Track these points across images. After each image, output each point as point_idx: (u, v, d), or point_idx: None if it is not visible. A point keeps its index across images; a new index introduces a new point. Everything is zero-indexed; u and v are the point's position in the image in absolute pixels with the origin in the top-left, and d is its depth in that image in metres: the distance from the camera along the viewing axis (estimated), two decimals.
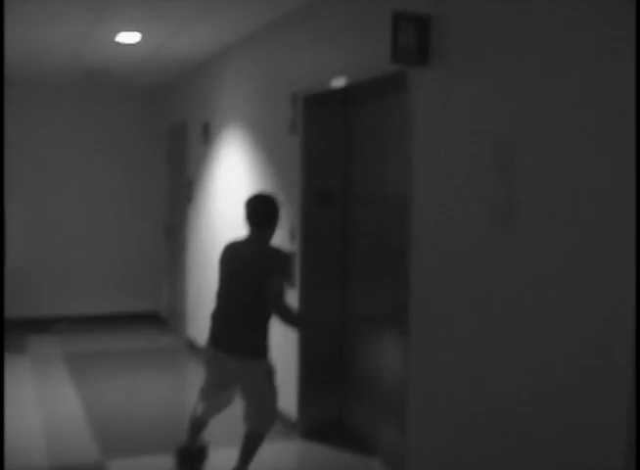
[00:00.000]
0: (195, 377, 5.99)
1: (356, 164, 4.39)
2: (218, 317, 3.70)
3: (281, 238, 4.44)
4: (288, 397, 4.41)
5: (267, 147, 5.02)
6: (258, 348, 3.60)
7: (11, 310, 6.72)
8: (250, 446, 3.66)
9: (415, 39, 3.05)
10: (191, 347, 6.91)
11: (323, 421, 4.58)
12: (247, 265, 3.57)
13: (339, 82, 4.01)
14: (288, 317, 3.53)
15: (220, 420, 3.93)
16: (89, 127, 7.94)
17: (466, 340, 3.04)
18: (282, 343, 4.64)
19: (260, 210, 3.64)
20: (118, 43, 5.67)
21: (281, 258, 3.60)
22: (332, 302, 4.54)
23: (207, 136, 6.42)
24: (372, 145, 4.20)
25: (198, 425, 3.86)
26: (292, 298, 4.59)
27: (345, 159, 4.49)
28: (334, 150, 4.50)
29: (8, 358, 5.93)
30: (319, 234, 4.49)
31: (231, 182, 5.84)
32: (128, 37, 5.48)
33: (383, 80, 3.68)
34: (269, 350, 3.65)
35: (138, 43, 5.69)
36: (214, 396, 3.76)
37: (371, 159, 4.23)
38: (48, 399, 5.21)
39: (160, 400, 5.34)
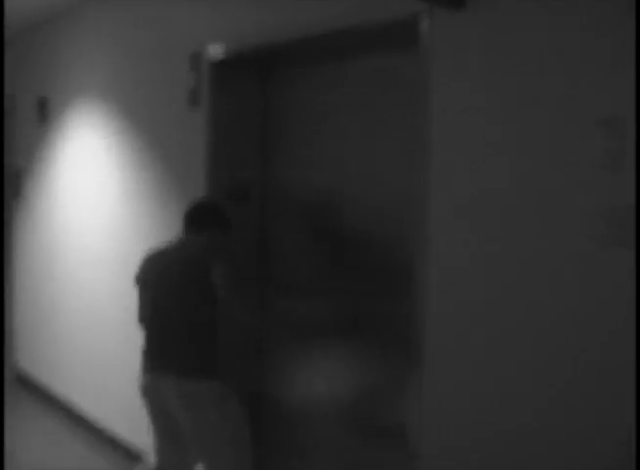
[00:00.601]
0: (31, 424, 4.65)
1: (288, 149, 3.35)
2: (150, 338, 2.97)
3: None
4: None
5: (151, 126, 3.81)
6: (202, 364, 2.83)
7: None
8: None
9: None
10: (23, 382, 5.46)
11: None
12: (175, 267, 2.88)
13: (275, 38, 2.98)
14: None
15: None
16: None
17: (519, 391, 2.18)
18: None
19: (190, 213, 2.99)
20: None
21: (220, 250, 2.91)
22: (247, 324, 3.50)
23: (45, 114, 5.03)
24: (318, 125, 3.18)
25: None
26: None
27: (272, 143, 3.43)
28: (254, 130, 3.44)
29: None
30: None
31: (85, 174, 4.54)
32: None
33: (350, 34, 2.70)
34: (219, 370, 2.85)
35: None
36: (166, 442, 2.99)
37: (313, 144, 3.22)
38: None
39: None
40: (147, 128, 3.84)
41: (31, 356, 5.40)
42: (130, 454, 4.10)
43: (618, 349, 1.90)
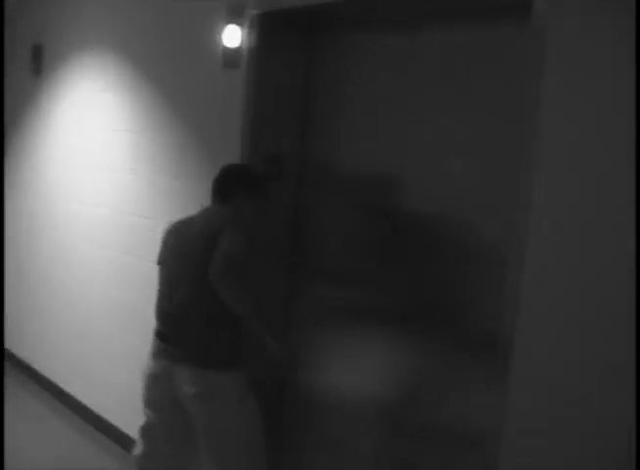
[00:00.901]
0: (16, 404, 4.22)
1: (337, 122, 2.92)
2: (165, 321, 2.60)
3: None
4: None
5: (175, 84, 3.37)
6: (224, 354, 2.49)
7: None
8: None
9: None
10: (10, 361, 4.94)
11: None
12: (195, 241, 2.50)
13: None
14: (243, 306, 2.35)
15: None
16: None
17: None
18: None
19: (216, 180, 2.63)
20: None
21: (234, 220, 2.53)
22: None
23: (40, 65, 4.53)
24: (376, 98, 2.77)
25: None
26: None
27: (318, 114, 3.01)
28: (297, 98, 3.04)
29: None
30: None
31: (86, 134, 4.08)
32: None
33: None
34: (241, 359, 2.53)
35: None
36: (160, 439, 2.64)
37: (367, 118, 2.81)
38: None
39: None
40: (169, 87, 3.40)
41: (18, 335, 4.88)
42: (119, 438, 3.77)
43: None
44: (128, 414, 3.65)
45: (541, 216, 2.00)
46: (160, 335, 2.58)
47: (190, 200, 3.25)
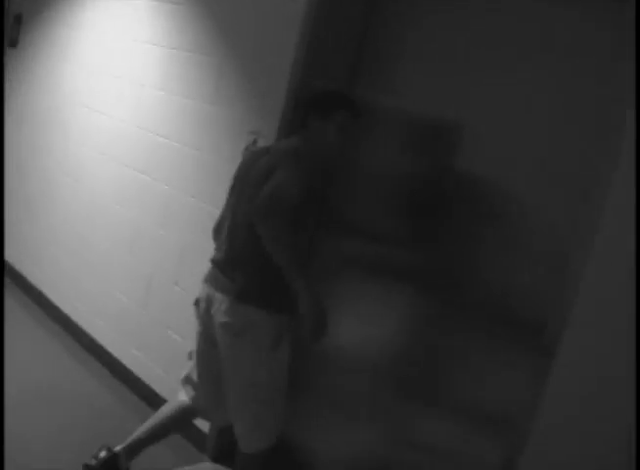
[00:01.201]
0: (20, 325, 4.02)
1: (391, 65, 2.76)
2: (215, 243, 2.54)
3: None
4: None
5: (221, 5, 3.16)
6: (263, 290, 2.30)
7: None
8: None
9: None
10: (11, 277, 4.64)
11: None
12: (254, 173, 2.34)
13: None
14: (282, 254, 2.14)
15: None
16: None
17: None
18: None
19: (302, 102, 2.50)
20: None
21: (298, 152, 2.30)
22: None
23: None
24: (440, 53, 2.59)
25: (181, 413, 2.64)
26: None
27: (372, 54, 2.82)
28: (356, 38, 2.84)
29: None
30: None
31: (111, 38, 3.85)
32: None
33: None
34: (285, 302, 2.30)
35: None
36: (201, 364, 2.58)
37: (424, 71, 2.64)
38: None
39: None
40: (213, 4, 3.17)
41: (19, 247, 4.63)
42: (108, 362, 3.69)
43: None
44: (127, 344, 3.55)
45: (614, 211, 1.89)
46: (212, 260, 2.49)
47: (222, 126, 3.08)
